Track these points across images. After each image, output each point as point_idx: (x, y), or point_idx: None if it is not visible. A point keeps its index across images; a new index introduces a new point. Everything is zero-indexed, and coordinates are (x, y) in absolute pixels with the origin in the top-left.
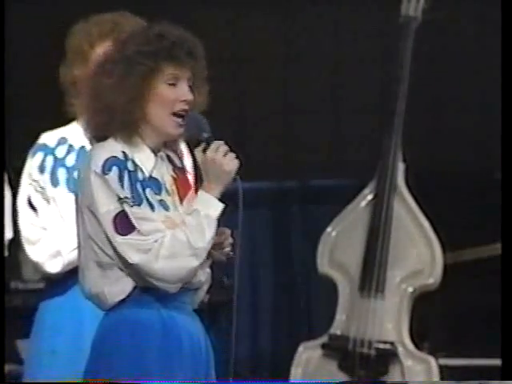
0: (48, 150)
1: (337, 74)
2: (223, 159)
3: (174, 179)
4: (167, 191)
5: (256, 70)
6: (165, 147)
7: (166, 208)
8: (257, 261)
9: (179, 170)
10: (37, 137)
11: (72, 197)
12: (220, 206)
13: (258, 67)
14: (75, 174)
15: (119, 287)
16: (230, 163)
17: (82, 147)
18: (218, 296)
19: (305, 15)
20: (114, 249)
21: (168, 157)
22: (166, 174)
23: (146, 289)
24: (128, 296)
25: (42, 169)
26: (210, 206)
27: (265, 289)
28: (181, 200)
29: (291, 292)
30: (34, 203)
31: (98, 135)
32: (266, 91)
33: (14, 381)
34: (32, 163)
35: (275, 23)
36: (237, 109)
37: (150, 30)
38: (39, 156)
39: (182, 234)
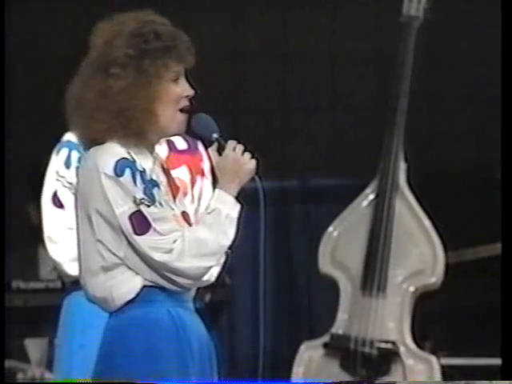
0: (72, 146)
1: (337, 73)
2: (243, 158)
3: (167, 179)
4: (165, 190)
5: (255, 68)
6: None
7: (171, 207)
8: (257, 260)
9: (166, 170)
10: (36, 137)
11: None
12: (238, 206)
13: (257, 66)
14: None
15: (128, 287)
16: (250, 162)
17: None
18: (218, 296)
19: (304, 13)
20: (133, 248)
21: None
22: (160, 174)
23: (154, 288)
24: (136, 296)
25: (68, 164)
26: (229, 205)
27: (265, 288)
28: (174, 199)
29: (292, 291)
30: (62, 199)
31: (96, 140)
32: (265, 90)
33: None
34: (58, 160)
35: (276, 22)
36: (236, 108)
37: (145, 27)
38: (64, 152)
39: (204, 233)
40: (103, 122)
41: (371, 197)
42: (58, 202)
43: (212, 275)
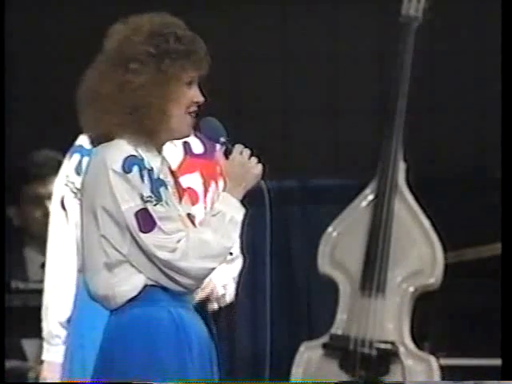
0: (84, 152)
1: (337, 73)
2: (250, 162)
3: (174, 180)
4: (172, 191)
5: (255, 69)
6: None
7: (177, 207)
8: (257, 261)
9: (173, 172)
10: (37, 138)
11: None
12: (243, 210)
13: (257, 66)
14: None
15: (130, 285)
16: (257, 166)
17: None
18: None
19: (304, 15)
20: (138, 245)
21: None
22: (168, 175)
23: (156, 288)
24: (138, 295)
25: (78, 171)
26: (234, 208)
27: (265, 289)
28: (180, 200)
29: (292, 292)
30: (66, 204)
31: (107, 136)
32: (265, 91)
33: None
34: (69, 165)
35: (275, 23)
36: (236, 109)
37: (166, 28)
38: (76, 157)
39: (209, 235)
40: (117, 116)
41: (370, 197)
42: (64, 206)
43: (230, 296)
